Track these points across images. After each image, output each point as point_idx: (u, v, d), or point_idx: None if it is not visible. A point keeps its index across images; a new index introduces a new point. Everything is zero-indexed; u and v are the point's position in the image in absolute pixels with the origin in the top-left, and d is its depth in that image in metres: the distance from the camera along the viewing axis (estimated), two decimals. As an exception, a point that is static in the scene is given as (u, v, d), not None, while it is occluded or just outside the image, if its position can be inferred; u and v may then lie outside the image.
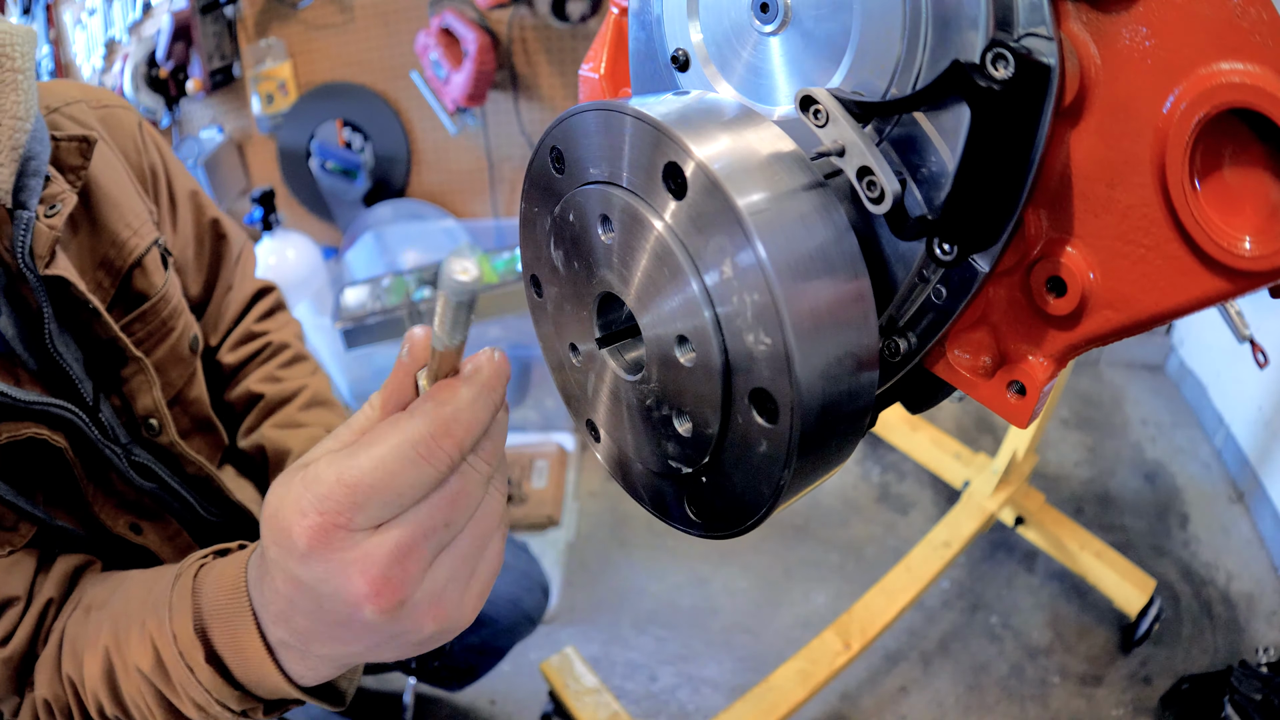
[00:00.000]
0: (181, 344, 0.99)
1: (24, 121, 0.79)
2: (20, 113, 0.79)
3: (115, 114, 1.00)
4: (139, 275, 0.93)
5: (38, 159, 0.82)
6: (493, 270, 2.78)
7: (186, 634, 0.62)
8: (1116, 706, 1.92)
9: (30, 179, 0.81)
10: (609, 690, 1.80)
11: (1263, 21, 0.31)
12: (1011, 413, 0.45)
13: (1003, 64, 0.35)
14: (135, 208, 0.95)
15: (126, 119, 1.02)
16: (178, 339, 0.99)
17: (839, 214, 0.40)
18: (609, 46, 0.60)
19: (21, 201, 0.80)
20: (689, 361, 0.42)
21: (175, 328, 0.98)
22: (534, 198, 0.50)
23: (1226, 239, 0.34)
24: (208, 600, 0.62)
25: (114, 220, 0.92)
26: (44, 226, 0.80)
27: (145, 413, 0.92)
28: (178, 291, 1.00)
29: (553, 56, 2.66)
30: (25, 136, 0.80)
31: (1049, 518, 2.11)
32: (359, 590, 0.45)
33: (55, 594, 0.79)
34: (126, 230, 0.92)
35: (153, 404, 0.92)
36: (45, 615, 0.78)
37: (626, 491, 0.51)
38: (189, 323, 1.02)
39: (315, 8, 2.74)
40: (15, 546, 0.79)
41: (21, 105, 0.79)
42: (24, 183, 0.80)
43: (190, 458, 0.97)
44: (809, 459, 0.40)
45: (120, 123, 1.01)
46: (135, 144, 1.02)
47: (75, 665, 0.72)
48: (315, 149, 2.95)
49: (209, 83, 2.76)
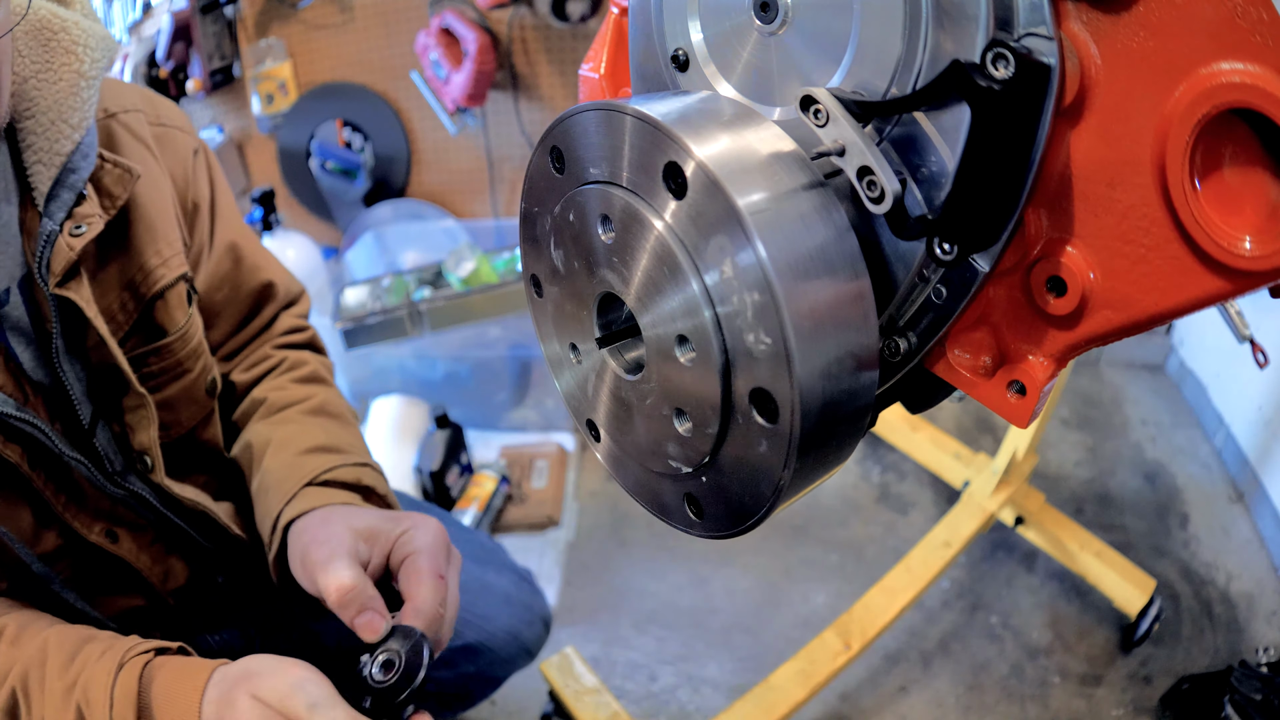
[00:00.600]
0: (198, 386, 0.96)
1: (75, 131, 0.76)
2: (74, 120, 0.76)
3: (172, 135, 0.96)
4: (161, 307, 0.90)
5: (78, 173, 0.78)
6: (493, 270, 2.78)
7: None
8: (1116, 706, 1.92)
9: (65, 191, 0.77)
10: (609, 690, 1.80)
11: (1263, 21, 0.31)
12: (1011, 413, 0.45)
13: (1003, 64, 0.35)
14: (170, 236, 0.91)
15: (183, 143, 0.98)
16: (194, 381, 0.95)
17: (839, 214, 0.40)
18: (609, 46, 0.60)
19: (50, 211, 0.77)
20: (689, 361, 0.42)
21: (192, 370, 0.94)
22: (534, 198, 0.50)
23: (1226, 239, 0.34)
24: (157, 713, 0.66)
25: (146, 245, 0.88)
26: (64, 244, 0.77)
27: (140, 449, 0.89)
28: (198, 331, 0.96)
29: (553, 56, 2.66)
30: (71, 145, 0.76)
31: (1049, 518, 2.11)
32: None
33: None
34: (156, 258, 0.89)
35: (148, 442, 0.89)
36: None
37: (626, 491, 0.51)
38: (208, 365, 0.97)
39: (315, 8, 2.74)
40: None
41: (76, 114, 0.76)
42: (57, 192, 0.77)
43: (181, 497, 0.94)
44: (809, 459, 0.40)
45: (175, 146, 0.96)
46: (186, 172, 0.97)
47: None
48: (315, 149, 2.95)
49: (209, 83, 2.76)
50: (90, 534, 0.87)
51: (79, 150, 0.78)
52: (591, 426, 0.53)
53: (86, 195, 0.80)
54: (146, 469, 0.90)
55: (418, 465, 2.23)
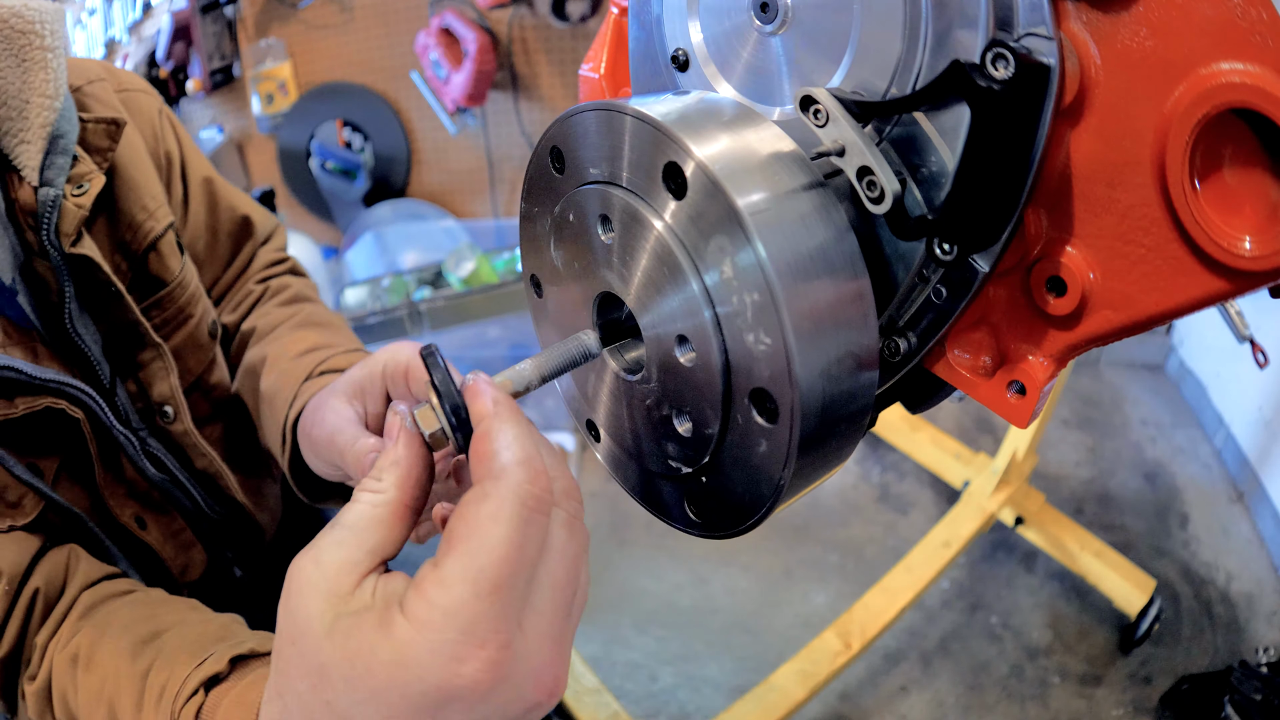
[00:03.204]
0: (200, 330, 0.98)
1: (53, 100, 0.79)
2: (50, 91, 0.79)
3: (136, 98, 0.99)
4: (154, 259, 0.92)
5: (66, 138, 0.81)
6: (493, 270, 2.78)
7: None
8: (1116, 706, 1.92)
9: (58, 157, 0.80)
10: (609, 690, 1.80)
11: (1263, 21, 0.31)
12: (1011, 413, 0.45)
13: (1003, 64, 0.35)
14: (153, 190, 0.94)
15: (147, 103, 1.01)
16: (196, 325, 0.97)
17: (839, 214, 0.40)
18: (609, 46, 0.60)
19: (48, 179, 0.79)
20: (689, 361, 0.42)
21: (193, 314, 0.97)
22: (534, 198, 0.50)
23: (1226, 239, 0.34)
24: None
25: (131, 203, 0.90)
26: (71, 205, 0.80)
27: (161, 399, 0.91)
28: (194, 276, 0.99)
29: (553, 56, 2.66)
30: (54, 115, 0.79)
31: (1049, 518, 2.12)
32: (533, 700, 0.40)
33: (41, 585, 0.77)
34: (143, 213, 0.91)
35: (169, 391, 0.91)
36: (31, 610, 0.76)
37: (626, 491, 0.51)
38: (207, 308, 1.00)
39: (315, 8, 2.74)
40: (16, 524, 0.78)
41: (51, 84, 0.79)
42: (51, 160, 0.80)
43: (202, 449, 0.96)
44: (809, 459, 0.40)
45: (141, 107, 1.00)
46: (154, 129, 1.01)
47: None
48: (315, 149, 2.95)
49: (209, 83, 2.76)
50: (122, 515, 0.88)
51: (62, 117, 0.81)
52: (591, 427, 0.53)
53: (78, 157, 0.83)
54: (168, 420, 0.92)
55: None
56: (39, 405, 0.77)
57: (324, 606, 0.41)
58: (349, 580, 0.42)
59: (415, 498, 0.45)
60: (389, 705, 0.39)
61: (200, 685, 0.63)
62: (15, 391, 0.77)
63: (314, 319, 1.04)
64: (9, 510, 0.77)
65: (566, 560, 0.42)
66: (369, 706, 0.40)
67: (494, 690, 0.39)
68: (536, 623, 0.40)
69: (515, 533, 0.38)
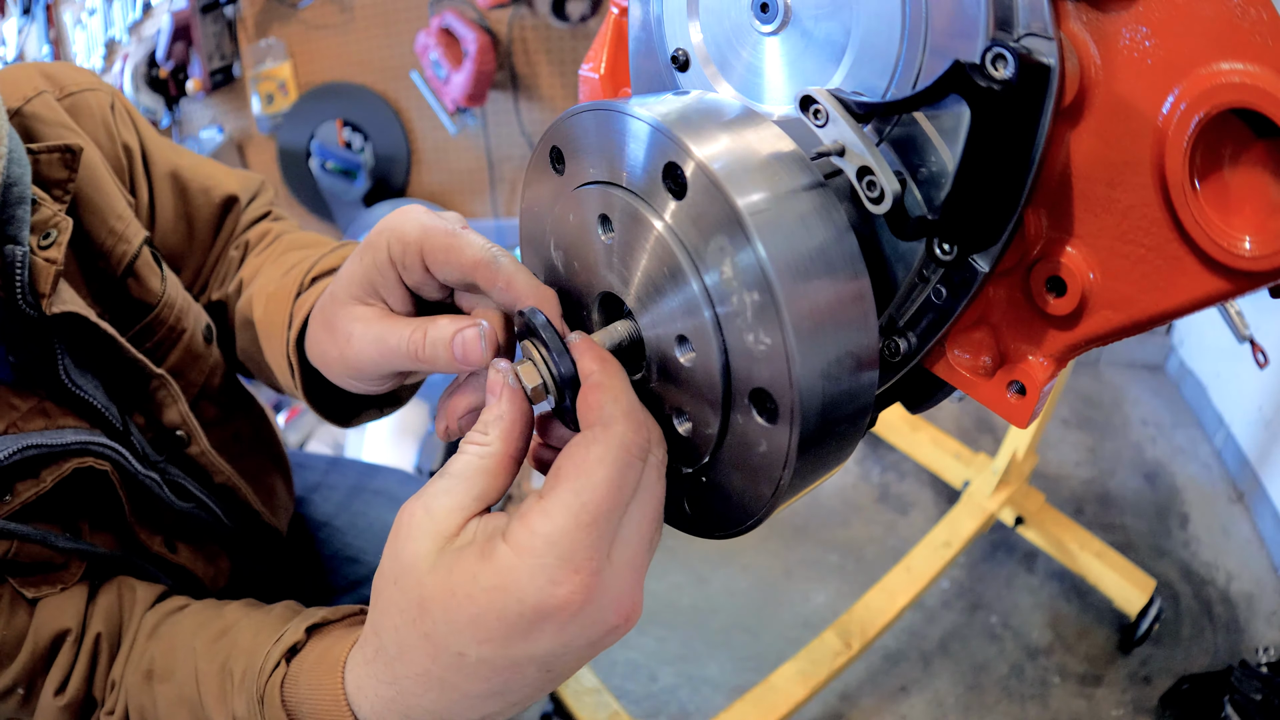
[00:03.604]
0: (195, 341, 0.92)
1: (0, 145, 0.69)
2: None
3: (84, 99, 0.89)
4: (134, 284, 0.85)
5: (20, 184, 0.71)
6: (493, 270, 2.77)
7: None
8: (1116, 706, 1.92)
9: (15, 209, 0.71)
10: (609, 690, 1.80)
11: (1263, 21, 0.31)
12: (1011, 413, 0.45)
13: (1003, 64, 0.35)
14: (117, 208, 0.85)
15: (96, 102, 0.90)
16: (190, 337, 0.91)
17: (839, 214, 0.40)
18: (609, 46, 0.60)
19: (11, 235, 0.70)
20: (689, 361, 0.42)
21: (185, 328, 0.90)
22: (534, 198, 0.50)
23: (1226, 239, 0.34)
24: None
25: (98, 229, 0.82)
26: (41, 261, 0.71)
27: (172, 425, 0.87)
28: (178, 289, 0.91)
29: (553, 56, 2.66)
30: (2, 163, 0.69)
31: (1049, 518, 2.12)
32: (613, 623, 0.44)
33: (103, 628, 0.75)
34: (112, 237, 0.83)
35: (179, 417, 0.87)
36: (97, 654, 0.74)
37: (626, 491, 0.51)
38: (198, 315, 0.93)
39: (315, 8, 2.74)
40: (68, 584, 0.76)
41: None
42: (9, 214, 0.71)
43: (219, 466, 0.93)
44: (809, 459, 0.40)
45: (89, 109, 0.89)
46: (108, 129, 0.90)
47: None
48: (315, 149, 2.95)
49: (209, 83, 2.76)
50: (153, 545, 0.86)
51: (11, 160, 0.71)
52: (591, 426, 0.53)
53: (38, 200, 0.74)
54: (183, 445, 0.89)
55: (418, 465, 2.23)
56: (66, 471, 0.74)
57: (430, 546, 0.45)
58: (454, 522, 0.45)
59: (518, 449, 0.48)
60: (486, 629, 0.43)
61: (281, 658, 0.61)
62: (40, 466, 0.73)
63: (293, 244, 0.94)
64: (58, 575, 0.76)
65: (654, 500, 0.45)
66: (467, 633, 0.43)
67: (582, 611, 0.42)
68: (623, 553, 0.43)
69: (618, 474, 0.42)
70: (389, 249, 0.60)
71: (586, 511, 0.42)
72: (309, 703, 0.56)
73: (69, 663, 0.73)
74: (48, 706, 0.71)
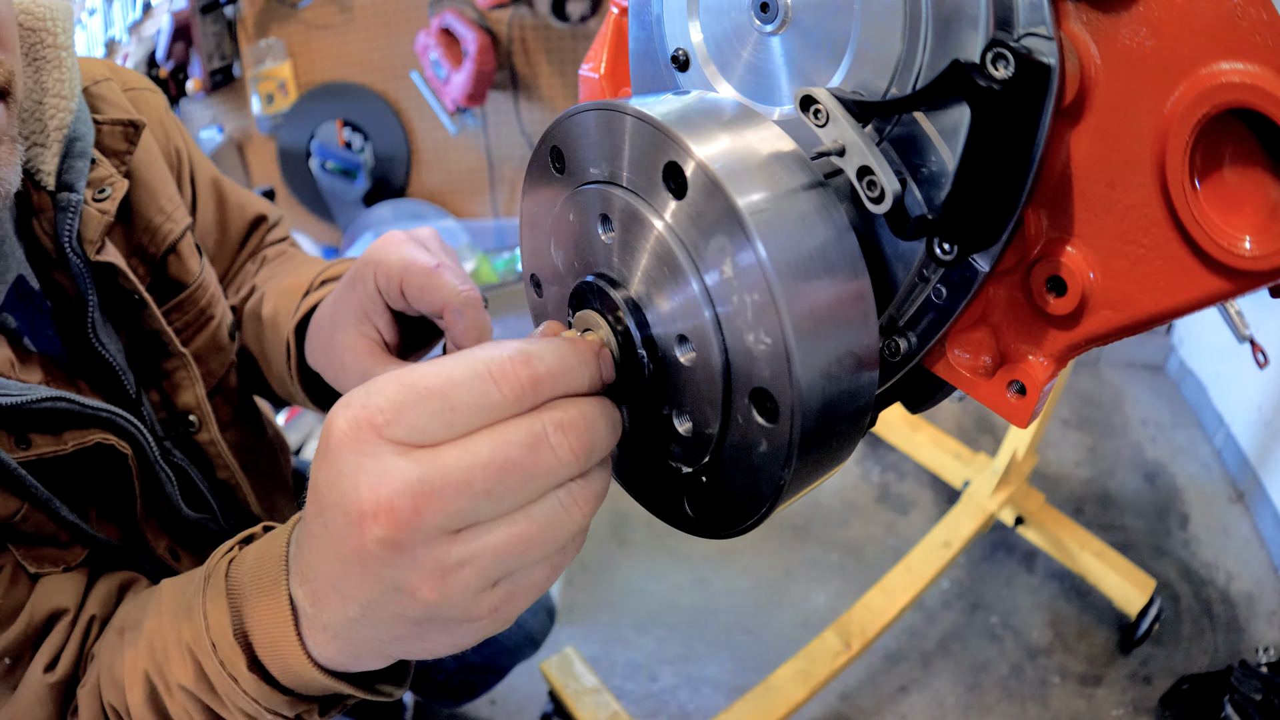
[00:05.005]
0: (221, 332, 0.95)
1: (68, 101, 0.76)
2: (65, 91, 0.76)
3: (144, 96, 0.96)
4: (174, 262, 0.89)
5: (83, 140, 0.78)
6: (493, 270, 2.78)
7: (226, 640, 0.55)
8: (1116, 706, 1.92)
9: (76, 160, 0.77)
10: (609, 690, 1.80)
11: (1263, 21, 0.31)
12: (1011, 412, 0.45)
13: (1003, 64, 0.35)
14: (169, 192, 0.91)
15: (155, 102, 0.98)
16: (217, 327, 0.95)
17: (839, 214, 0.40)
18: (609, 46, 0.60)
19: (67, 183, 0.76)
20: (689, 361, 0.42)
21: (214, 315, 0.94)
22: (534, 198, 0.50)
23: (1226, 239, 0.34)
24: (243, 593, 0.54)
25: (148, 206, 0.87)
26: (94, 211, 0.76)
27: (185, 408, 0.89)
28: (213, 278, 0.96)
29: (553, 56, 2.66)
30: (70, 116, 0.76)
31: (1049, 518, 2.12)
32: (360, 503, 0.38)
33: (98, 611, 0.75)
34: (160, 215, 0.88)
35: (194, 400, 0.89)
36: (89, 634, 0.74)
37: (626, 491, 0.51)
38: (226, 309, 0.98)
39: (315, 8, 2.74)
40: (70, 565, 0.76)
41: (65, 84, 0.76)
42: (69, 164, 0.76)
43: (225, 459, 0.93)
44: (809, 459, 0.40)
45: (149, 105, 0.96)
46: (164, 127, 0.98)
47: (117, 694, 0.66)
48: (315, 149, 2.95)
49: (209, 83, 2.76)
50: (158, 547, 0.86)
51: (77, 119, 0.77)
52: (591, 426, 0.53)
53: (96, 160, 0.79)
54: (193, 430, 0.89)
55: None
56: (89, 441, 0.74)
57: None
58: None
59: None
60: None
61: (236, 544, 0.60)
62: (64, 425, 0.74)
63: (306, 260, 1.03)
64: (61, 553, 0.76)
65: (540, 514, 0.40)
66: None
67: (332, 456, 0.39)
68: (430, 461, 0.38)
69: (455, 368, 0.39)
70: (375, 279, 0.72)
71: (409, 375, 0.39)
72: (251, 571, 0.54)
73: (61, 641, 0.73)
74: (37, 682, 0.71)
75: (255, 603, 0.52)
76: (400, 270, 0.70)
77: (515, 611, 0.43)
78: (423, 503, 0.38)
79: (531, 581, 0.43)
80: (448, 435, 0.39)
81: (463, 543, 0.39)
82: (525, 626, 1.46)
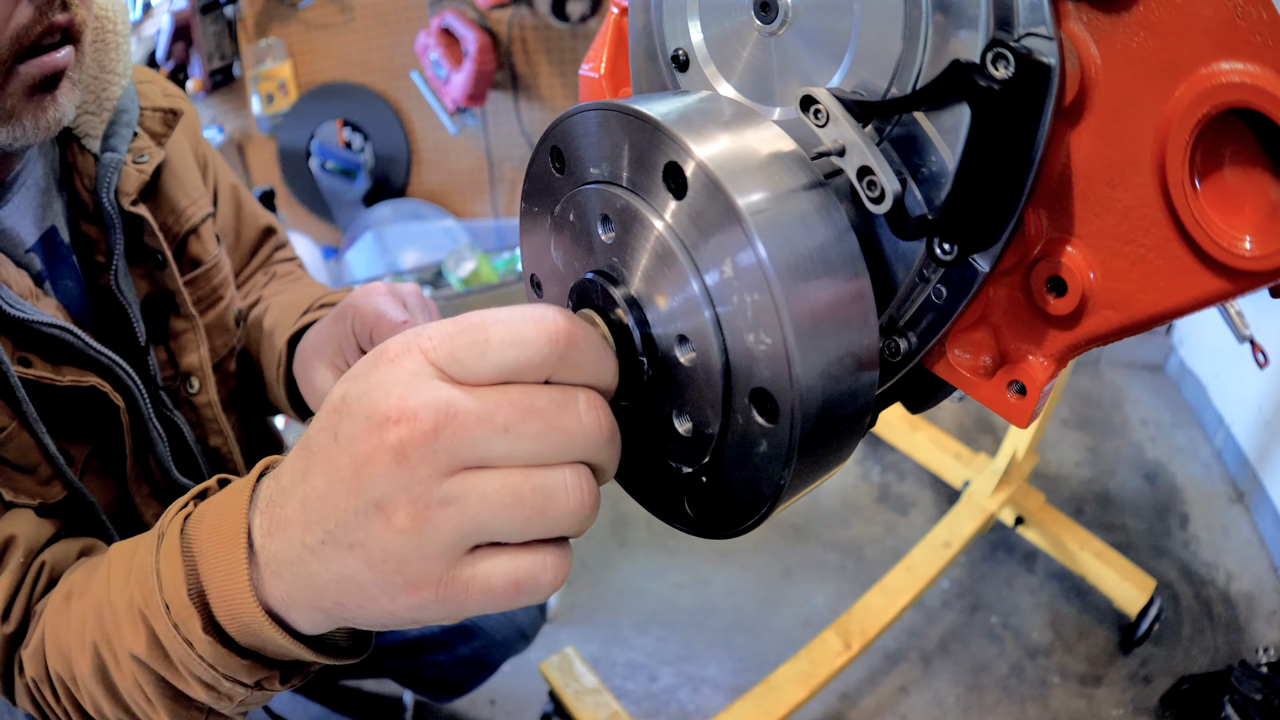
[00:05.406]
0: (228, 314, 1.03)
1: (121, 78, 0.87)
2: (119, 70, 0.87)
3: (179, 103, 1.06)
4: (194, 241, 0.97)
5: (129, 113, 0.89)
6: (493, 270, 2.78)
7: (180, 600, 0.51)
8: (1116, 706, 1.92)
9: (122, 128, 0.87)
10: (609, 690, 1.80)
11: (1263, 21, 0.31)
12: (1011, 413, 0.45)
13: (1003, 64, 0.35)
14: (195, 181, 1.00)
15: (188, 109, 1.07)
16: (226, 308, 1.02)
17: (839, 214, 0.40)
18: (609, 46, 0.60)
19: (112, 146, 0.86)
20: (689, 361, 0.42)
21: (224, 296, 1.02)
22: (534, 198, 0.50)
23: (1226, 239, 0.34)
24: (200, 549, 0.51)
25: (176, 190, 0.96)
26: (133, 170, 0.87)
27: (189, 369, 0.95)
28: (228, 263, 1.05)
29: (553, 56, 2.66)
30: (121, 90, 0.87)
31: (1049, 518, 2.12)
32: (388, 408, 0.39)
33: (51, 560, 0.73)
34: (186, 200, 0.97)
35: (197, 362, 0.95)
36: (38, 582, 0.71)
37: (626, 491, 0.51)
38: (235, 295, 1.05)
39: (315, 8, 2.74)
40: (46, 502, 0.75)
41: (120, 63, 0.87)
42: (114, 130, 0.87)
43: (220, 425, 0.99)
44: (809, 459, 0.40)
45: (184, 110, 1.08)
46: (194, 133, 1.08)
47: (63, 664, 0.63)
48: (315, 149, 2.95)
49: (209, 83, 2.76)
50: (146, 515, 0.88)
51: (126, 94, 0.88)
52: (591, 426, 0.53)
53: (138, 133, 0.90)
54: (193, 391, 0.96)
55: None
56: (85, 382, 0.78)
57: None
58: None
59: None
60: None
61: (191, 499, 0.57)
62: (65, 358, 0.77)
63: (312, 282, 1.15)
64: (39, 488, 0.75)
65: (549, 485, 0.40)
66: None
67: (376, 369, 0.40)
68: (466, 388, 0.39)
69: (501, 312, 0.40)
70: (352, 324, 0.82)
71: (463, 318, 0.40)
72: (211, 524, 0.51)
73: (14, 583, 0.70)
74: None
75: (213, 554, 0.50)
76: (373, 320, 0.80)
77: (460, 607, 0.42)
78: (443, 421, 0.38)
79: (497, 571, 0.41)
80: (479, 364, 0.39)
81: (458, 481, 0.39)
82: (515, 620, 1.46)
